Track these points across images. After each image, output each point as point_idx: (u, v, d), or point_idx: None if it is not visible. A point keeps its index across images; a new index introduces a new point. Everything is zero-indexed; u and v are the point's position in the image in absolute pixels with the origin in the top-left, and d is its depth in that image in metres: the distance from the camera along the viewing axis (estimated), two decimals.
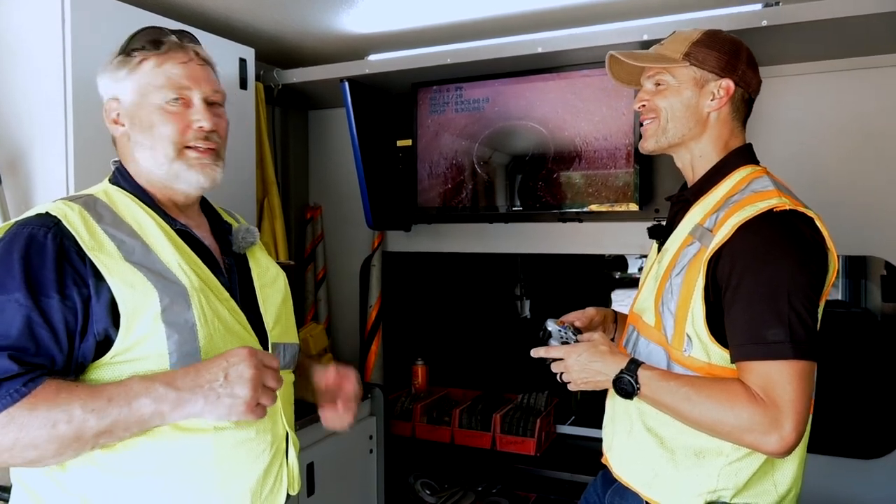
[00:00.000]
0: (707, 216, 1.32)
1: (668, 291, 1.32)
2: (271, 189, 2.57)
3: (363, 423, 2.43)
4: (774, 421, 1.15)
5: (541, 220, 2.57)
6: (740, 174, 1.35)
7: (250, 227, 1.34)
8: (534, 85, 2.37)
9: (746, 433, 1.18)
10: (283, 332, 1.31)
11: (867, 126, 2.13)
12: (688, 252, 1.31)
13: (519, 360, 3.10)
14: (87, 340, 1.04)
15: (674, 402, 1.25)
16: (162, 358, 1.06)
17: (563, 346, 1.42)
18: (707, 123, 1.38)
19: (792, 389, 1.16)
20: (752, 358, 1.19)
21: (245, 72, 2.20)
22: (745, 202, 1.25)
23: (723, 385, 1.22)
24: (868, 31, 1.90)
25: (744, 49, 1.38)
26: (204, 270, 1.17)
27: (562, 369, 1.39)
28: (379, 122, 2.60)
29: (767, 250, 1.21)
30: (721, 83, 1.35)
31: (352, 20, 2.28)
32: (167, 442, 1.07)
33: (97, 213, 1.11)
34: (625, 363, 1.31)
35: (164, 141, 1.18)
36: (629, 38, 2.02)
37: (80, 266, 1.04)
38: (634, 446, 1.40)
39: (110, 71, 1.20)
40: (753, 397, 1.17)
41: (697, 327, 1.26)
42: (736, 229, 1.22)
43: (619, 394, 1.32)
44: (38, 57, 1.67)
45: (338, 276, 3.04)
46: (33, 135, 1.68)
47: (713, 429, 1.23)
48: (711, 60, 1.35)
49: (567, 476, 2.52)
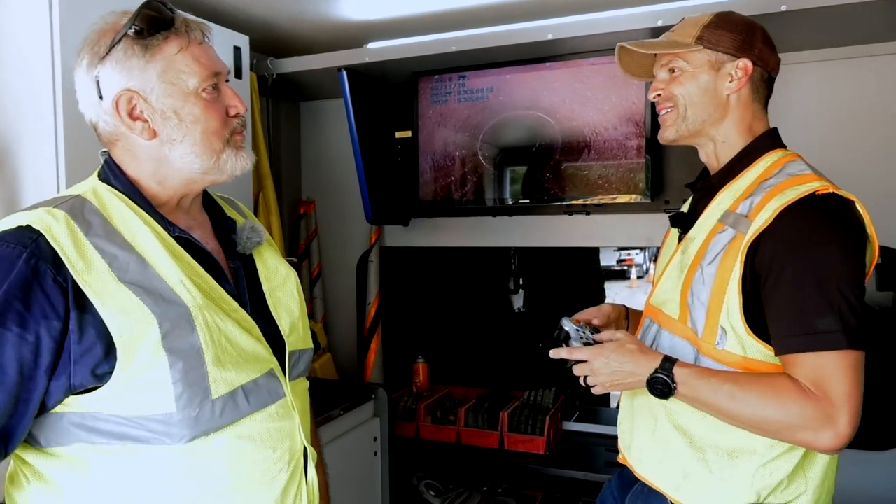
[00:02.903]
0: (738, 201, 1.26)
1: (699, 281, 1.25)
2: (266, 183, 2.48)
3: (367, 424, 2.35)
4: (828, 416, 1.09)
5: (546, 212, 2.51)
6: (771, 158, 1.29)
7: (255, 224, 1.21)
8: (540, 73, 2.31)
9: (798, 430, 1.12)
10: (300, 338, 1.21)
11: (878, 114, 2.10)
12: (720, 239, 1.24)
13: (522, 355, 3.08)
14: (58, 380, 0.92)
15: (716, 400, 1.18)
16: (165, 388, 0.94)
17: (586, 347, 1.33)
18: (727, 107, 1.32)
19: (846, 382, 1.10)
20: (801, 350, 1.13)
21: (240, 60, 2.10)
22: (785, 185, 1.19)
23: (769, 380, 1.16)
24: (888, 17, 1.86)
25: (758, 28, 1.33)
26: (208, 282, 1.04)
27: (587, 372, 1.30)
28: (378, 113, 2.52)
29: (813, 235, 1.14)
30: (738, 63, 1.30)
31: (349, 6, 2.18)
32: (175, 463, 0.98)
33: (86, 222, 0.97)
34: (658, 362, 1.24)
35: (211, 134, 1.06)
36: (643, 24, 1.96)
37: (56, 296, 0.90)
38: (660, 445, 1.33)
39: (116, 60, 1.02)
40: (804, 392, 1.11)
41: (733, 319, 1.19)
42: (777, 214, 1.15)
43: (655, 394, 1.24)
44: (25, 49, 1.56)
45: (334, 273, 2.96)
46: (21, 130, 1.57)
47: (760, 427, 1.17)
48: (725, 41, 1.30)
49: (573, 474, 2.47)
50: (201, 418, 0.97)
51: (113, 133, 1.06)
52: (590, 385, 1.32)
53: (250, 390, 1.03)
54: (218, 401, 0.98)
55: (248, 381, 1.03)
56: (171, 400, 0.94)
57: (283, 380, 1.11)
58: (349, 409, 2.24)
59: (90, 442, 0.96)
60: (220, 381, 0.99)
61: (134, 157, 1.07)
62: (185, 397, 0.95)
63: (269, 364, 1.08)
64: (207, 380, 0.97)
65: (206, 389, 0.97)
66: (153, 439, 0.96)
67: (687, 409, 1.27)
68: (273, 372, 1.09)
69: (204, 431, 0.98)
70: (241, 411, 1.02)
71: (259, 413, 1.05)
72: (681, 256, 1.35)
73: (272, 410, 1.07)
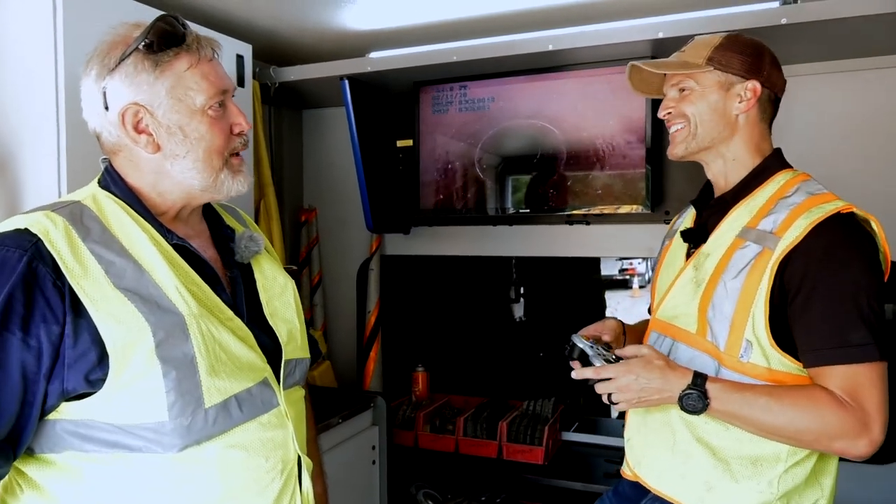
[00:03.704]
0: (758, 218, 1.29)
1: (722, 296, 1.27)
2: (268, 191, 2.49)
3: (366, 432, 2.35)
4: (864, 425, 1.15)
5: (546, 222, 2.52)
6: (784, 176, 1.34)
7: (254, 234, 1.21)
8: (541, 84, 2.31)
9: (836, 439, 1.17)
10: (297, 348, 1.21)
11: (880, 126, 2.11)
12: (744, 255, 1.27)
13: (522, 365, 3.07)
14: (53, 384, 0.91)
15: (752, 413, 1.21)
16: (158, 396, 0.94)
17: (611, 365, 1.30)
18: (736, 126, 1.37)
19: (878, 391, 1.16)
20: (836, 362, 1.17)
21: (243, 69, 2.10)
22: (810, 203, 1.23)
23: (805, 391, 1.20)
24: (888, 30, 1.86)
25: (766, 50, 1.38)
26: (204, 290, 1.04)
27: (612, 389, 1.28)
28: (379, 122, 2.53)
29: (843, 252, 1.20)
30: (747, 85, 1.34)
31: (352, 16, 2.20)
32: (167, 471, 0.97)
33: (84, 228, 0.97)
34: (689, 378, 1.24)
35: (213, 152, 1.06)
36: (644, 36, 1.97)
37: (55, 299, 0.91)
38: (681, 460, 1.34)
39: (126, 73, 1.01)
40: (840, 402, 1.16)
41: (759, 331, 1.22)
42: (808, 231, 1.19)
43: (687, 410, 1.23)
44: (28, 54, 1.56)
45: (334, 281, 2.96)
46: (23, 136, 1.57)
47: (796, 437, 1.21)
48: (735, 63, 1.34)
49: (572, 485, 2.45)
50: (193, 427, 0.97)
51: (116, 144, 1.06)
52: (614, 402, 1.30)
53: (243, 399, 1.03)
54: (211, 410, 0.98)
55: (242, 389, 1.03)
56: (163, 408, 0.94)
57: (277, 389, 1.10)
58: (348, 417, 2.24)
59: (83, 450, 0.96)
60: (214, 390, 0.99)
61: (135, 168, 1.07)
62: (178, 406, 0.95)
63: (263, 373, 1.08)
64: (201, 389, 0.97)
65: (199, 398, 0.97)
66: (145, 448, 0.95)
67: (708, 421, 1.28)
68: (267, 381, 1.08)
69: (196, 440, 0.97)
70: (234, 420, 1.02)
71: (251, 422, 1.04)
72: (694, 272, 1.36)
73: (265, 419, 1.07)
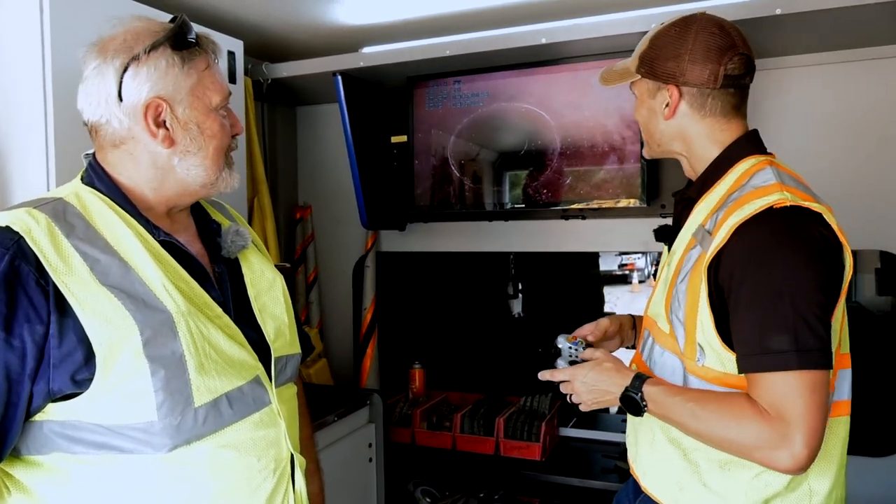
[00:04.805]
0: (709, 216, 1.24)
1: (675, 299, 1.25)
2: (261, 188, 2.47)
3: (362, 430, 2.34)
4: (783, 437, 1.06)
5: (542, 217, 2.50)
6: (743, 167, 1.25)
7: (240, 228, 1.20)
8: (536, 78, 2.30)
9: (755, 450, 1.10)
10: (286, 344, 1.20)
11: (875, 118, 2.09)
12: (691, 256, 1.24)
13: (519, 360, 3.06)
14: (38, 385, 0.90)
15: (681, 418, 1.19)
16: (146, 396, 0.93)
17: (568, 367, 1.39)
18: (679, 126, 1.31)
19: (802, 403, 1.06)
20: (756, 370, 1.10)
21: (234, 65, 2.09)
22: (745, 199, 1.16)
23: (728, 400, 1.14)
24: (882, 20, 1.85)
25: (688, 44, 1.24)
26: (192, 287, 1.03)
27: (570, 391, 1.36)
28: (373, 118, 2.51)
29: (766, 252, 1.11)
30: (666, 91, 1.29)
31: (344, 11, 2.18)
32: (156, 472, 0.96)
33: (67, 225, 0.96)
34: (629, 380, 1.25)
35: (219, 151, 1.10)
36: (637, 28, 1.94)
37: (39, 298, 0.89)
38: (658, 458, 1.33)
39: (155, 66, 1.02)
40: (760, 412, 1.09)
41: (708, 336, 1.18)
42: (733, 231, 1.13)
43: (629, 411, 1.27)
44: (14, 49, 1.54)
45: (330, 278, 2.95)
46: (11, 132, 1.55)
47: (721, 446, 1.16)
48: (657, 69, 1.29)
49: (570, 480, 2.44)
50: (183, 427, 0.95)
51: (124, 135, 1.04)
52: (575, 403, 1.36)
53: (235, 398, 1.02)
54: (201, 409, 0.97)
55: (233, 388, 1.02)
56: (152, 408, 0.93)
57: (269, 387, 1.09)
58: (344, 415, 2.23)
59: (70, 452, 0.95)
60: (204, 389, 0.98)
61: (134, 162, 1.05)
62: (167, 405, 0.94)
63: (254, 371, 1.07)
64: (190, 387, 0.96)
65: (188, 397, 0.96)
66: (134, 449, 0.94)
67: None
68: (259, 379, 1.07)
69: (186, 440, 0.96)
70: (225, 420, 1.01)
71: (243, 421, 1.03)
72: (667, 270, 1.35)
73: (256, 418, 1.06)
